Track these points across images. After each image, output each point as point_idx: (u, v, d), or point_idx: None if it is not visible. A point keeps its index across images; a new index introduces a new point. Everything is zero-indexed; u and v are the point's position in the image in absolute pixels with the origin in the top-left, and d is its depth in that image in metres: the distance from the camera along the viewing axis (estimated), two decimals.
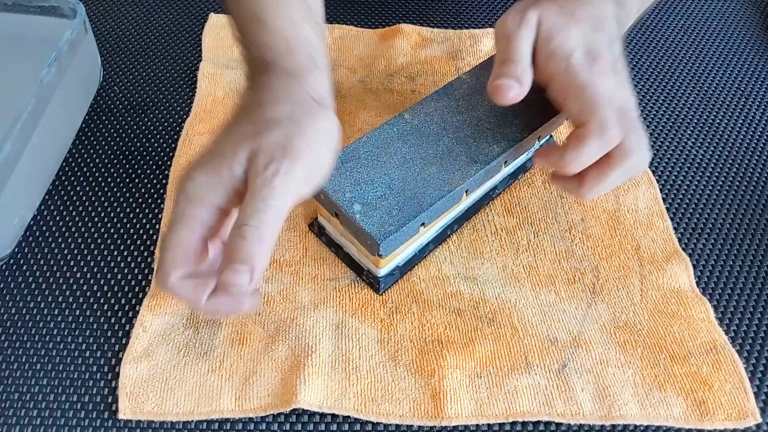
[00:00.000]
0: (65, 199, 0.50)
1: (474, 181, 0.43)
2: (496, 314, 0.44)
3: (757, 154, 0.54)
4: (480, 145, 0.44)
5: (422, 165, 0.43)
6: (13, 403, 0.40)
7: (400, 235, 0.41)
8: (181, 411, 0.39)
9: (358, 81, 0.58)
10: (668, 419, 0.39)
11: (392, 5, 0.66)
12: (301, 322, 0.43)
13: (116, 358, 0.42)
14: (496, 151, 0.44)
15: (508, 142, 0.44)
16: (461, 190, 0.43)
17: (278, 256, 0.46)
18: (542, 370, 0.41)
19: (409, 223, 0.41)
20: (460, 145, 0.44)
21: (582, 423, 0.40)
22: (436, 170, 0.43)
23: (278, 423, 0.40)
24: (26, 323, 0.43)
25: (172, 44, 0.62)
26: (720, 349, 0.42)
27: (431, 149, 0.44)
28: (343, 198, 0.41)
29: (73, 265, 0.46)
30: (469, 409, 0.40)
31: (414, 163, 0.43)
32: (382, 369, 0.41)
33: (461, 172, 0.43)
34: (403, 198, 0.41)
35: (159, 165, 0.52)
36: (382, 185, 0.42)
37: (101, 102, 0.57)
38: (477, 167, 0.43)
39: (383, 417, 0.40)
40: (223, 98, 0.56)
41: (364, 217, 0.40)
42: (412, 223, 0.41)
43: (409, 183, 0.42)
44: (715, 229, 0.49)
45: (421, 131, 0.45)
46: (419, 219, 0.41)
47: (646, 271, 0.46)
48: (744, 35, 0.65)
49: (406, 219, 0.41)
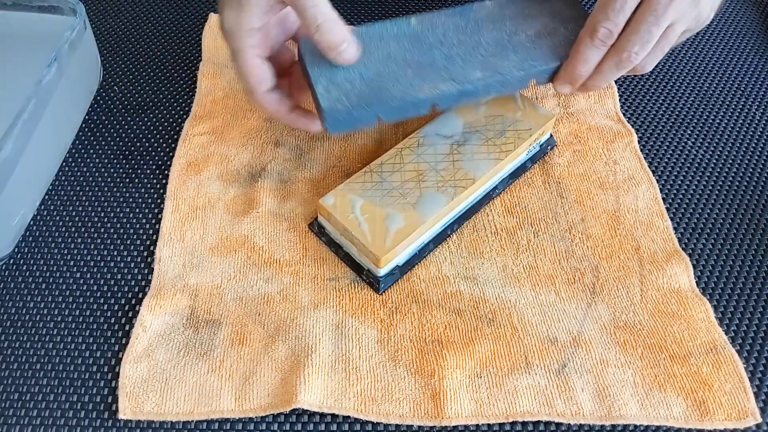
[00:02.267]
0: (65, 199, 0.50)
1: (443, 98, 0.44)
2: (496, 314, 0.44)
3: (757, 154, 0.54)
4: (466, 67, 0.45)
5: (401, 67, 0.44)
6: (13, 403, 0.40)
7: (350, 117, 0.42)
8: (181, 411, 0.39)
9: None
10: (668, 419, 0.39)
11: (392, 5, 0.66)
12: (301, 322, 0.43)
13: (116, 358, 0.42)
14: (477, 77, 0.44)
15: (493, 74, 0.45)
16: (427, 100, 0.43)
17: (278, 256, 0.46)
18: (542, 370, 0.41)
19: (362, 110, 0.42)
20: (447, 61, 0.45)
21: (582, 423, 0.40)
22: (411, 75, 0.44)
23: (278, 423, 0.40)
24: (26, 323, 0.43)
25: (172, 44, 0.62)
26: (720, 349, 0.42)
27: (417, 56, 0.45)
28: (316, 69, 0.43)
29: (73, 265, 0.46)
30: (469, 409, 0.40)
31: (395, 63, 0.44)
32: (382, 369, 0.41)
33: (433, 84, 0.44)
34: (368, 89, 0.43)
35: (159, 165, 0.52)
36: (356, 73, 0.43)
37: (101, 102, 0.57)
38: (451, 85, 0.44)
39: (383, 417, 0.40)
40: (223, 98, 0.56)
41: (325, 91, 0.42)
42: (367, 111, 0.42)
43: (381, 79, 0.43)
44: (715, 229, 0.49)
45: (419, 38, 0.46)
46: (375, 110, 0.43)
47: (646, 271, 0.46)
48: (744, 35, 0.65)
49: (361, 105, 0.42)
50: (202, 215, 0.49)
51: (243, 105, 0.56)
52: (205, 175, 0.51)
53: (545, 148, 0.52)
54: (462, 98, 0.45)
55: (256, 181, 0.50)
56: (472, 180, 0.46)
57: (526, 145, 0.49)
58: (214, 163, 0.52)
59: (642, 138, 0.55)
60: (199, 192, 0.50)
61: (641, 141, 0.54)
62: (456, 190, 0.46)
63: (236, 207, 0.49)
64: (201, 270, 0.46)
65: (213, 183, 0.50)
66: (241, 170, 0.51)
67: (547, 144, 0.52)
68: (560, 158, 0.52)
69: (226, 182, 0.50)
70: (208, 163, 0.52)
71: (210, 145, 0.53)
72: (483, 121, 0.50)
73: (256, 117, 0.55)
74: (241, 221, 0.48)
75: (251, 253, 0.47)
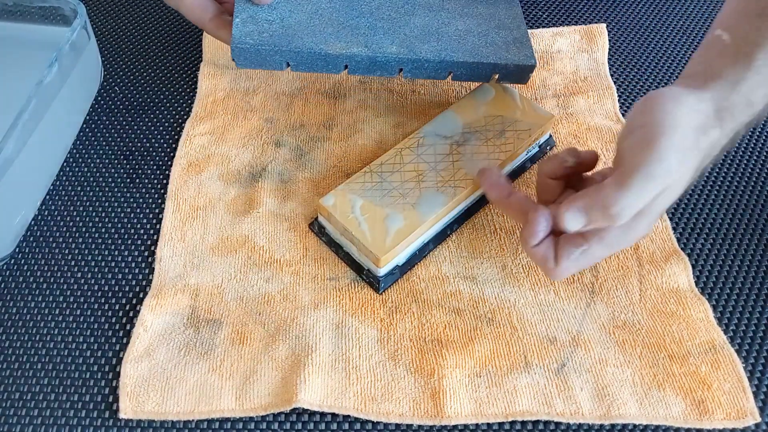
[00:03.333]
0: (66, 199, 0.50)
1: (353, 60, 0.45)
2: (495, 314, 0.44)
3: (756, 154, 0.55)
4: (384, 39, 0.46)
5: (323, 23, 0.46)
6: (13, 403, 0.40)
7: (257, 55, 0.44)
8: (181, 410, 0.40)
9: (358, 81, 0.58)
10: (667, 419, 0.40)
11: None
12: (302, 321, 0.43)
13: (117, 357, 0.42)
14: (391, 51, 0.46)
15: (408, 51, 0.46)
16: (337, 58, 0.45)
17: (278, 255, 0.47)
18: (541, 370, 0.41)
19: (270, 49, 0.43)
20: (369, 29, 0.46)
21: (581, 422, 0.40)
22: (329, 32, 0.45)
23: (278, 422, 0.40)
24: (26, 323, 0.44)
25: (172, 44, 0.62)
26: (719, 348, 0.42)
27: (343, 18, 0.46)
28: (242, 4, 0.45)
29: (74, 264, 0.46)
30: (468, 409, 0.40)
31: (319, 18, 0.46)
32: (381, 368, 0.41)
33: (346, 45, 0.45)
34: (283, 33, 0.44)
35: (159, 165, 0.52)
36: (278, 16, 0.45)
37: (102, 102, 0.57)
38: (363, 50, 0.45)
39: (383, 416, 0.40)
40: (224, 98, 0.56)
41: (241, 23, 0.44)
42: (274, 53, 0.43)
43: (300, 27, 0.45)
44: (714, 228, 0.49)
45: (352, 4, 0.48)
46: (284, 55, 0.44)
47: (645, 271, 0.46)
48: None
49: (270, 45, 0.43)
50: (202, 215, 0.49)
51: (243, 106, 0.56)
52: (205, 176, 0.51)
53: (544, 149, 0.52)
54: (373, 68, 0.46)
55: (256, 182, 0.51)
56: (472, 180, 0.47)
57: (526, 145, 0.50)
58: (214, 163, 0.52)
59: None
60: (199, 192, 0.50)
61: None
62: (456, 190, 0.46)
63: (237, 207, 0.49)
64: (202, 270, 0.46)
65: (214, 183, 0.51)
66: (242, 170, 0.51)
67: (547, 144, 0.53)
68: None
69: (227, 182, 0.51)
70: (208, 163, 0.52)
71: (211, 146, 0.53)
72: (482, 121, 0.50)
73: (256, 117, 0.55)
74: (242, 221, 0.48)
75: (252, 252, 0.47)
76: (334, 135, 0.54)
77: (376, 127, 0.54)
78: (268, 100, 0.56)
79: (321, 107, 0.56)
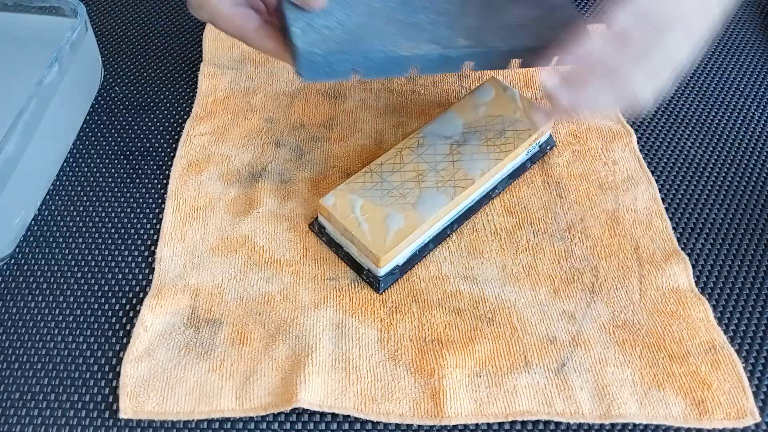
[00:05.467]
0: (66, 199, 0.50)
1: (424, 60, 0.43)
2: (495, 314, 0.44)
3: (756, 154, 0.55)
4: (450, 33, 0.44)
5: (385, 23, 0.43)
6: (14, 403, 0.40)
7: (326, 64, 0.40)
8: (181, 410, 0.40)
9: (358, 81, 0.58)
10: (667, 418, 0.40)
11: None
12: (302, 321, 0.43)
13: (117, 357, 0.42)
14: (461, 44, 0.43)
15: (477, 43, 0.44)
16: (407, 60, 0.42)
17: (278, 255, 0.47)
18: (541, 369, 0.41)
19: (340, 56, 0.40)
20: (432, 25, 0.44)
21: (581, 422, 0.40)
22: (394, 31, 0.43)
23: (278, 422, 0.40)
24: (26, 323, 0.44)
25: (172, 44, 0.62)
26: (719, 348, 0.42)
27: (402, 16, 0.43)
28: (293, 13, 0.41)
29: (74, 264, 0.46)
30: (468, 409, 0.40)
31: (378, 18, 0.43)
32: (382, 368, 0.41)
33: (416, 44, 0.42)
34: (347, 37, 0.41)
35: (159, 165, 0.52)
36: (337, 21, 0.42)
37: (102, 102, 0.57)
38: (434, 47, 0.42)
39: (383, 416, 0.40)
40: (224, 98, 0.56)
41: (302, 33, 0.40)
42: (344, 60, 0.41)
43: (362, 30, 0.42)
44: (714, 228, 0.50)
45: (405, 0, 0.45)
46: (353, 60, 0.41)
47: (645, 271, 0.46)
48: (744, 35, 0.65)
49: (339, 51, 0.40)
50: (202, 215, 0.49)
51: (244, 106, 0.56)
52: (205, 176, 0.51)
53: (544, 148, 0.52)
54: (443, 65, 0.44)
55: (256, 182, 0.51)
56: (472, 180, 0.47)
57: (526, 145, 0.50)
58: (214, 163, 0.52)
59: (641, 138, 0.55)
60: (199, 192, 0.50)
61: (640, 141, 0.55)
62: (456, 190, 0.46)
63: (237, 207, 0.49)
64: (202, 270, 0.46)
65: (214, 183, 0.51)
66: (242, 170, 0.51)
67: (547, 144, 0.53)
68: (559, 158, 0.53)
69: (227, 182, 0.51)
70: (208, 163, 0.52)
71: (211, 146, 0.53)
72: (482, 121, 0.50)
73: (256, 117, 0.55)
74: (242, 221, 0.48)
75: (252, 252, 0.47)
76: (334, 135, 0.54)
77: (376, 127, 0.54)
78: (268, 100, 0.56)
79: (321, 107, 0.56)
